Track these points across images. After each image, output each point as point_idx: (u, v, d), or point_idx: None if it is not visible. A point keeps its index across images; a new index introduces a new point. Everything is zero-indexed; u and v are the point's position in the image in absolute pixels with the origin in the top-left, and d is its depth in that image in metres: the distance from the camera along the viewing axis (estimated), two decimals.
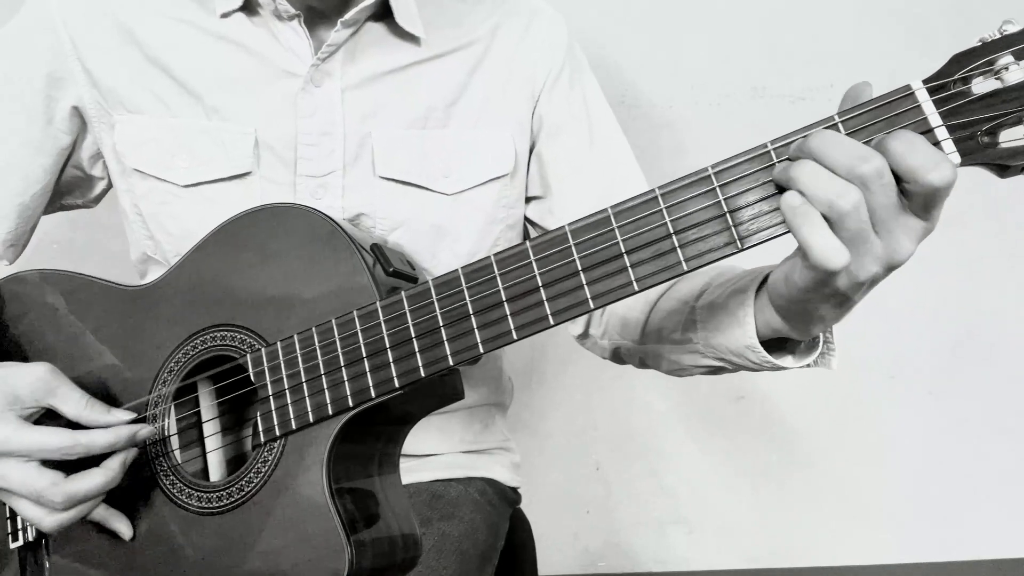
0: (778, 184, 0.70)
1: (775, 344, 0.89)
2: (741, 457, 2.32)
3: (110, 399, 0.96)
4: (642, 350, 1.13)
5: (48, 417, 0.91)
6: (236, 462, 0.99)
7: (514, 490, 1.40)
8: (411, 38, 1.12)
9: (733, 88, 2.10)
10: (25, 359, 1.02)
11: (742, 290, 0.88)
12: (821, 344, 0.88)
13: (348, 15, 1.05)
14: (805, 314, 0.79)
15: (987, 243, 2.16)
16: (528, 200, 1.24)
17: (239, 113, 1.09)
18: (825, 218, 0.67)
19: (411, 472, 1.23)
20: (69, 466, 0.88)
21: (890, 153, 0.66)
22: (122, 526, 0.93)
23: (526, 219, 1.26)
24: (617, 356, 1.22)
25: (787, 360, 0.90)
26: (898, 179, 0.66)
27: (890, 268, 0.71)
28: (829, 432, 2.28)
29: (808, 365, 0.90)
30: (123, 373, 0.97)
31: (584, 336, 1.25)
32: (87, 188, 1.24)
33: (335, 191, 1.10)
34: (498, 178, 1.17)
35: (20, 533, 0.98)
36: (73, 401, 0.90)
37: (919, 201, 0.67)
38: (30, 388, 0.89)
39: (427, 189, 1.13)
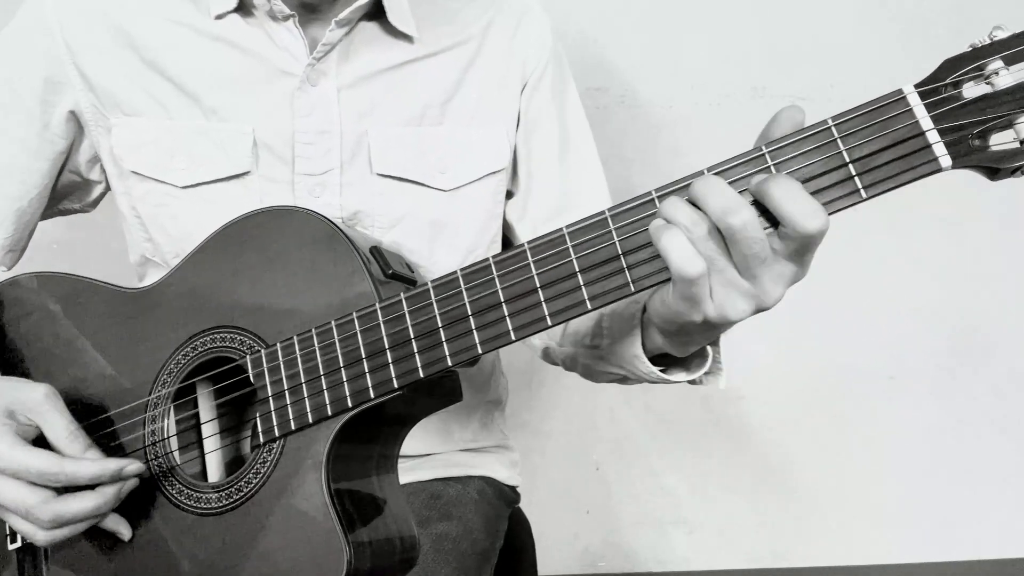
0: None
1: (668, 358, 0.93)
2: (741, 457, 2.32)
3: (109, 401, 0.97)
4: (562, 352, 1.17)
5: None
6: (235, 464, 0.99)
7: (513, 489, 1.40)
8: (404, 37, 1.13)
9: (733, 88, 2.10)
10: (24, 364, 1.02)
11: (637, 300, 0.91)
12: (709, 362, 0.92)
13: (342, 15, 1.06)
14: (681, 333, 0.82)
15: (987, 243, 2.16)
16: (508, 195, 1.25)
17: (237, 113, 1.09)
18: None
19: (410, 471, 1.24)
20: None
21: (769, 197, 0.68)
22: (121, 527, 0.93)
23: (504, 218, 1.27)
24: (547, 356, 1.24)
25: (679, 375, 0.94)
26: (775, 222, 0.69)
27: (759, 310, 0.73)
28: (829, 432, 2.29)
29: (695, 381, 0.94)
30: (123, 375, 0.97)
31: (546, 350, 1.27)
32: (85, 192, 1.24)
33: (333, 189, 1.10)
34: (494, 173, 1.18)
35: (19, 535, 0.98)
36: (57, 430, 0.88)
37: (792, 247, 0.69)
38: (23, 405, 0.88)
39: (424, 185, 1.14)
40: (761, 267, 0.69)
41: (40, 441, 0.90)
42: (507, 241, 1.28)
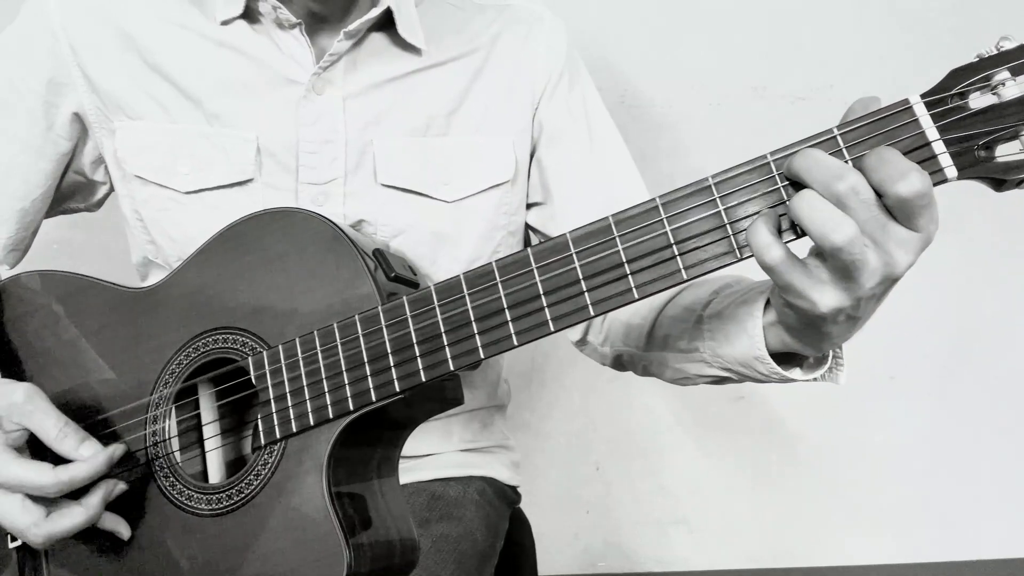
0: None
1: (783, 356, 0.89)
2: (741, 457, 2.32)
3: (111, 402, 0.97)
4: (646, 357, 1.13)
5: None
6: (236, 465, 0.99)
7: (514, 489, 1.41)
8: (412, 48, 1.12)
9: (733, 88, 2.10)
10: (26, 363, 1.02)
11: (750, 301, 0.88)
12: (830, 359, 0.88)
13: (351, 26, 1.05)
14: (815, 332, 0.79)
15: (987, 244, 2.16)
16: (529, 207, 1.25)
17: (241, 119, 1.09)
18: (821, 249, 0.69)
19: (410, 471, 1.24)
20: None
21: (864, 169, 0.67)
22: (120, 527, 0.93)
23: (527, 226, 1.26)
24: (619, 363, 1.21)
25: (795, 372, 0.90)
26: (878, 194, 0.67)
27: (891, 281, 0.71)
28: (829, 432, 2.29)
29: (815, 379, 0.90)
30: (125, 375, 0.97)
31: (583, 343, 1.25)
32: (89, 193, 1.24)
33: (337, 198, 1.10)
34: (499, 185, 1.17)
35: None
36: (45, 430, 0.88)
37: (898, 213, 0.67)
38: (7, 411, 0.88)
39: (428, 196, 1.13)
40: (881, 234, 0.67)
41: (32, 441, 0.90)
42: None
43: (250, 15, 1.09)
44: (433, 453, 1.28)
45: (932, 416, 2.28)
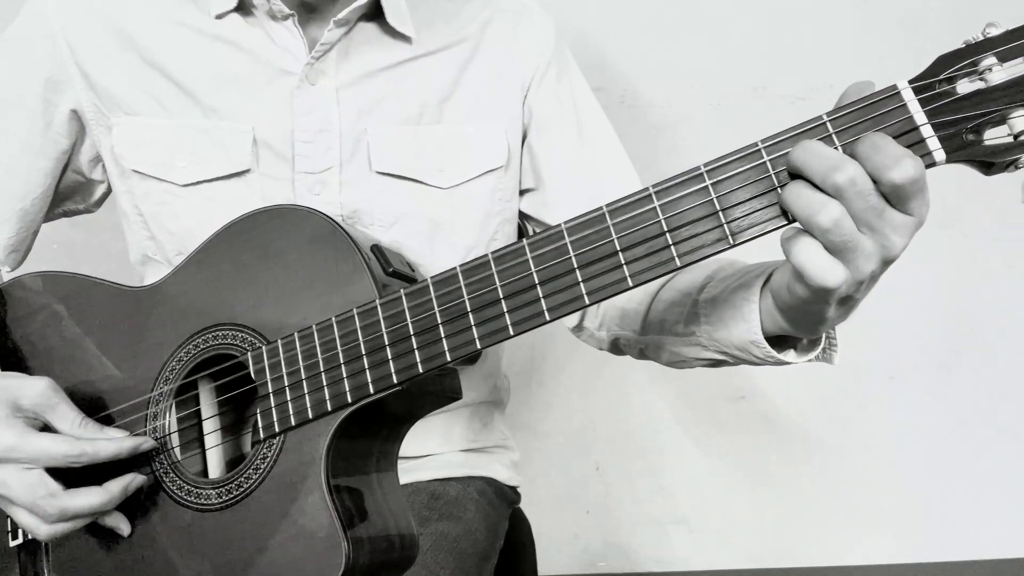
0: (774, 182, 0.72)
1: (778, 339, 0.90)
2: (741, 457, 2.32)
3: (112, 399, 0.97)
4: (642, 341, 1.14)
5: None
6: (236, 462, 0.99)
7: (513, 489, 1.41)
8: (402, 37, 1.14)
9: (733, 88, 2.11)
10: (29, 363, 1.03)
11: (746, 285, 0.89)
12: (824, 340, 0.89)
13: (341, 15, 1.06)
14: (810, 317, 0.80)
15: (986, 243, 2.16)
16: (522, 193, 1.26)
17: (237, 112, 1.10)
18: (811, 232, 0.70)
19: (410, 472, 1.24)
20: (71, 481, 0.89)
21: (858, 157, 0.68)
22: (120, 523, 0.93)
23: (521, 214, 1.27)
24: (616, 347, 1.22)
25: (790, 355, 0.91)
26: (873, 180, 0.68)
27: (886, 263, 0.72)
28: (829, 432, 2.28)
29: (810, 360, 0.91)
30: (125, 373, 0.98)
31: (579, 328, 1.26)
32: (87, 192, 1.25)
33: (333, 187, 1.11)
34: (492, 171, 1.18)
35: (20, 531, 0.98)
36: (68, 420, 0.90)
37: (893, 198, 0.68)
38: (31, 401, 0.89)
39: (423, 183, 1.14)
40: (878, 220, 0.68)
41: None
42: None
43: (243, 8, 1.10)
44: (433, 453, 1.28)
45: (931, 416, 2.27)
